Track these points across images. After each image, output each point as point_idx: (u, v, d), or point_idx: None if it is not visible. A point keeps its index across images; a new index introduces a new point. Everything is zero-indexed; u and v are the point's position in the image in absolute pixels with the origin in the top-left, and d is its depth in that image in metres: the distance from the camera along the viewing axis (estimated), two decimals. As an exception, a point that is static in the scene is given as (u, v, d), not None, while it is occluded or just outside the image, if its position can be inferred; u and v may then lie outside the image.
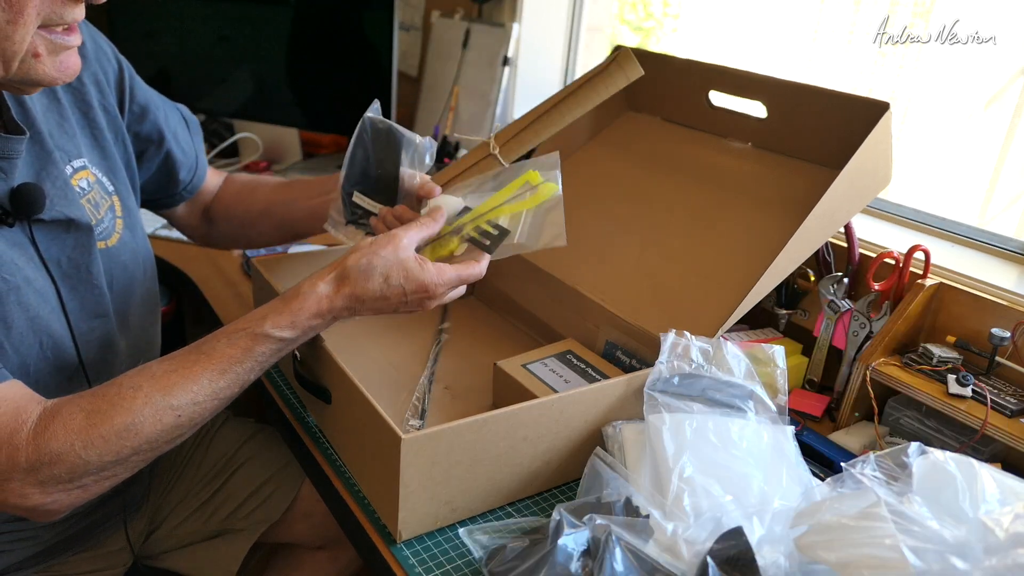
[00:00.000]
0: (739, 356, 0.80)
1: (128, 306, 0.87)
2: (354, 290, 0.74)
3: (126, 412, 0.66)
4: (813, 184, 0.87)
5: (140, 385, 0.68)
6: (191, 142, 1.02)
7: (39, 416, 0.65)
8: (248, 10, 1.75)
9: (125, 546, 0.97)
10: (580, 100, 0.78)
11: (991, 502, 0.57)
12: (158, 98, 0.97)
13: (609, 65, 0.75)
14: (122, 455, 0.66)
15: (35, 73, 0.65)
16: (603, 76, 0.77)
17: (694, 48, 1.80)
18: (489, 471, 0.73)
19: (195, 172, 1.03)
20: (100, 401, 0.66)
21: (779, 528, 0.62)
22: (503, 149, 0.79)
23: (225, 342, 0.71)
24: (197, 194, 1.05)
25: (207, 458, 1.09)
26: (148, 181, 0.98)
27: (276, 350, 0.73)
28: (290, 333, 0.72)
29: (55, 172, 0.77)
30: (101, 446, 0.65)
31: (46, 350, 0.75)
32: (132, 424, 0.66)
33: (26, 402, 0.66)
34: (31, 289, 0.73)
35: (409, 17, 2.02)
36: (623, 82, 0.76)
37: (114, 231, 0.85)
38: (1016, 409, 0.83)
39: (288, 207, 1.02)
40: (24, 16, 0.61)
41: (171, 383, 0.68)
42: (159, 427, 0.67)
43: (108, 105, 0.88)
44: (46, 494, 0.64)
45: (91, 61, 0.86)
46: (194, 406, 0.69)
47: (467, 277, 0.79)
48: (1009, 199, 1.22)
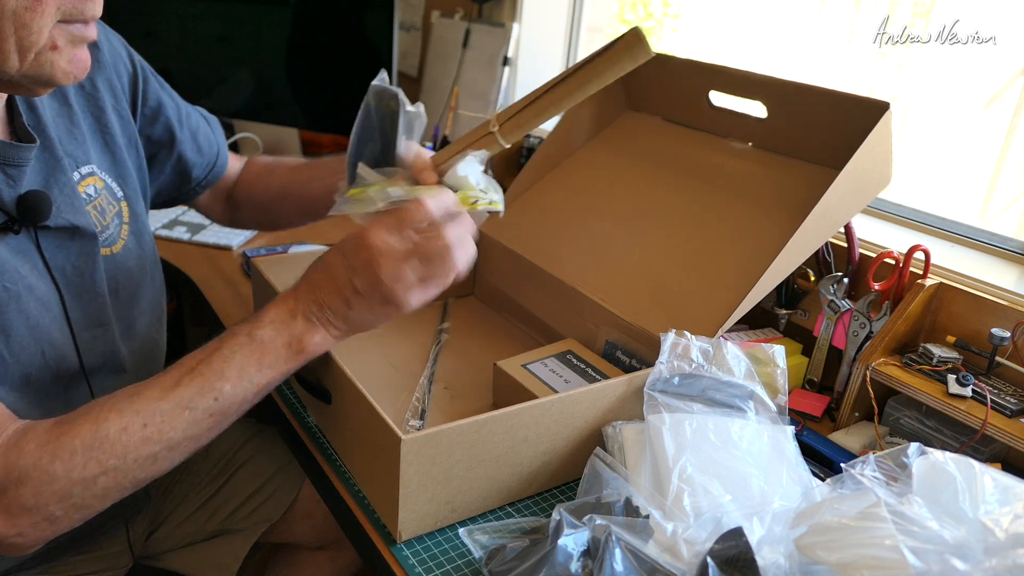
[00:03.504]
0: (739, 356, 0.80)
1: (133, 313, 0.87)
2: (307, 278, 0.72)
3: (92, 421, 0.63)
4: (813, 184, 0.87)
5: (114, 396, 0.65)
6: (212, 138, 1.02)
7: (12, 432, 0.62)
8: (248, 10, 1.75)
9: (126, 547, 0.97)
10: (582, 82, 0.73)
11: (991, 502, 0.57)
12: (172, 98, 0.97)
13: (615, 45, 0.69)
14: (88, 471, 0.62)
15: (49, 67, 0.64)
16: (607, 57, 0.70)
17: (694, 48, 1.80)
18: (489, 471, 0.73)
19: (212, 168, 1.02)
20: (72, 414, 0.64)
21: (779, 528, 0.62)
22: (503, 129, 0.78)
23: (200, 352, 0.68)
24: (218, 183, 1.05)
25: (207, 458, 1.09)
26: (163, 183, 0.99)
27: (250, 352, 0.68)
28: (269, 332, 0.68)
29: (63, 179, 0.76)
30: (67, 459, 0.61)
31: (48, 359, 0.74)
32: (97, 431, 0.62)
33: (2, 420, 0.63)
34: (33, 297, 0.72)
35: (409, 17, 2.02)
36: (629, 64, 0.69)
37: (119, 238, 0.85)
38: (1016, 409, 0.83)
39: (305, 187, 1.01)
40: (44, 4, 0.60)
41: (140, 390, 0.65)
42: (125, 436, 0.63)
43: (121, 110, 0.88)
44: (11, 524, 0.61)
45: (106, 66, 0.85)
46: (161, 414, 0.64)
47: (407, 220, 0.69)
48: (1009, 199, 1.22)
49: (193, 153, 0.99)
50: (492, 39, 1.79)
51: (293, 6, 1.72)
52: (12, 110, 0.74)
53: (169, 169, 0.98)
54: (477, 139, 0.79)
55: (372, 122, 0.81)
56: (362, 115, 0.81)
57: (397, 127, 0.80)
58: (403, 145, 0.81)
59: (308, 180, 1.02)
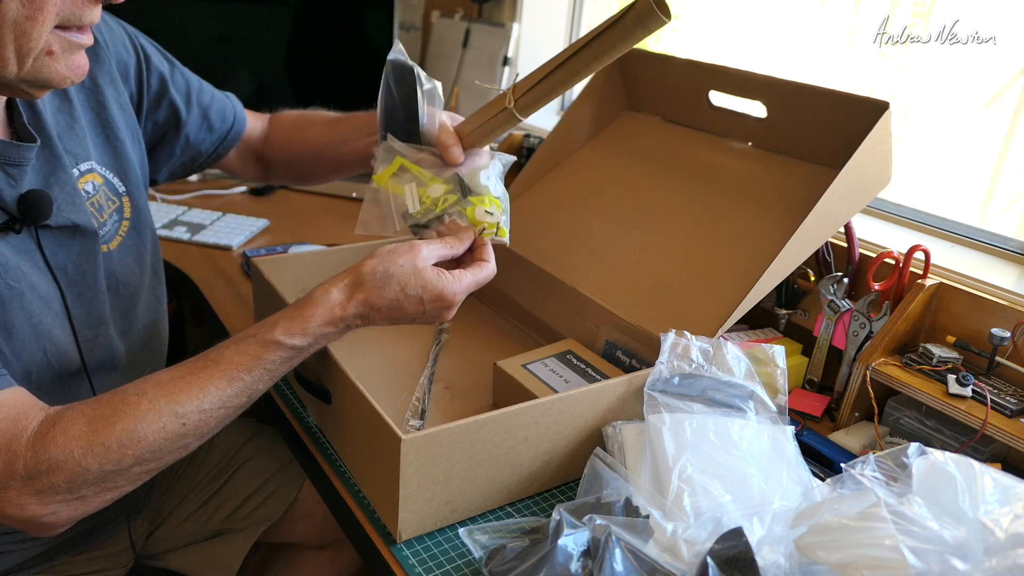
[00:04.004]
0: (739, 356, 0.80)
1: (131, 310, 0.87)
2: (368, 297, 0.72)
3: (129, 418, 0.64)
4: (813, 184, 0.87)
5: (145, 391, 0.66)
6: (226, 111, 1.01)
7: (40, 423, 0.63)
8: (248, 10, 1.75)
9: (127, 547, 0.97)
10: (596, 54, 0.71)
11: (991, 503, 0.57)
12: (182, 76, 0.96)
13: (626, 16, 0.67)
14: (123, 464, 0.64)
15: (47, 71, 0.64)
16: (620, 28, 0.68)
17: (694, 48, 1.80)
18: (489, 471, 0.73)
19: (223, 140, 1.02)
20: (103, 407, 0.64)
21: (779, 528, 0.62)
22: (518, 104, 0.77)
23: (234, 349, 0.69)
24: (244, 144, 1.05)
25: (208, 458, 1.09)
26: (173, 163, 0.99)
27: (286, 358, 0.70)
28: (301, 341, 0.70)
29: (63, 177, 0.76)
30: (101, 453, 0.63)
31: (50, 357, 0.74)
32: (134, 431, 0.64)
33: (27, 408, 0.64)
34: (36, 295, 0.72)
35: (409, 17, 2.02)
36: (642, 34, 0.67)
37: (116, 234, 0.85)
38: (1016, 409, 0.83)
39: (338, 149, 1.00)
40: (44, 13, 0.61)
41: (177, 390, 0.66)
42: (163, 435, 0.65)
43: (123, 103, 0.88)
44: (44, 504, 0.62)
45: (106, 60, 0.85)
46: (200, 414, 0.67)
47: (483, 280, 0.78)
48: (1009, 199, 1.22)
49: (202, 131, 0.98)
50: (492, 39, 1.79)
51: (293, 6, 1.72)
52: (12, 110, 0.74)
53: (179, 150, 0.98)
54: (495, 114, 0.79)
55: (393, 95, 0.81)
56: (382, 89, 0.82)
57: (417, 100, 0.81)
58: (425, 116, 0.82)
59: (341, 141, 1.00)
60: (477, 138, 0.83)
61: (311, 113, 1.07)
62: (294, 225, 1.52)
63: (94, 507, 0.65)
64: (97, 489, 0.64)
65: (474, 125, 0.82)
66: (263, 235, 1.47)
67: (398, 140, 0.83)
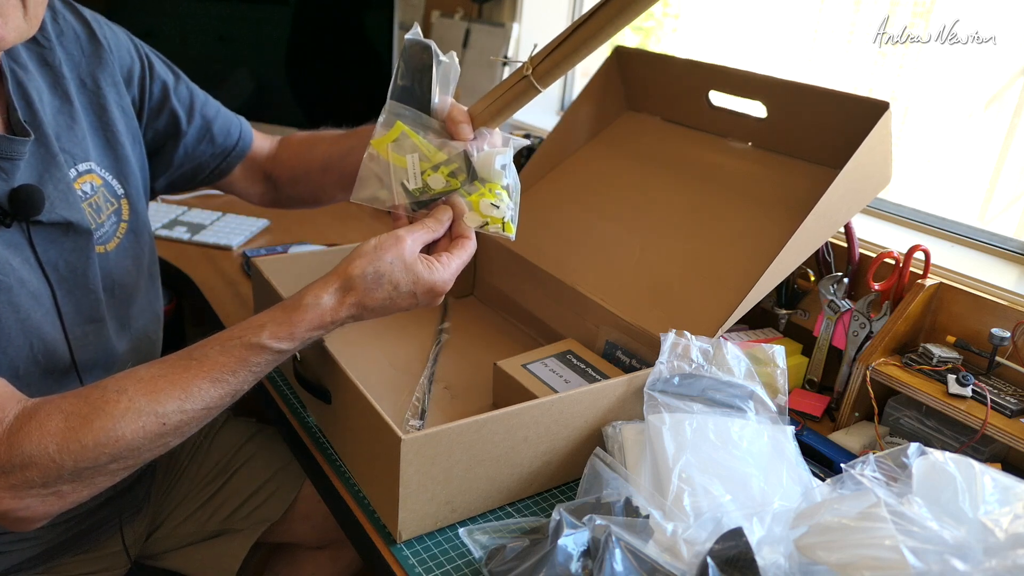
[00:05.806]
0: (739, 356, 0.80)
1: (128, 310, 0.87)
2: (361, 299, 0.71)
3: (107, 417, 0.62)
4: (813, 184, 0.87)
5: (125, 389, 0.64)
6: (230, 127, 1.00)
7: (16, 416, 0.62)
8: (248, 10, 1.75)
9: (126, 547, 0.97)
10: (612, 16, 0.71)
11: (991, 503, 0.57)
12: (187, 88, 0.96)
13: None
14: (99, 462, 0.62)
15: None
16: None
17: (694, 48, 1.79)
18: (489, 471, 0.73)
19: (227, 156, 1.00)
20: (81, 403, 0.63)
21: (779, 528, 0.62)
22: (536, 72, 0.76)
23: (219, 350, 0.68)
24: (250, 162, 1.03)
25: (208, 458, 1.09)
26: (172, 174, 0.97)
27: (272, 361, 0.70)
28: (288, 345, 0.69)
29: (58, 175, 0.76)
30: (77, 451, 0.61)
31: (36, 352, 0.74)
32: (112, 429, 0.62)
33: (5, 400, 0.63)
34: (25, 291, 0.72)
35: (409, 17, 2.02)
36: None
37: (114, 236, 0.85)
38: (1016, 409, 0.83)
39: (345, 159, 0.97)
40: None
41: (158, 389, 0.65)
42: (142, 434, 0.63)
43: (125, 106, 0.87)
44: (18, 499, 0.60)
45: (109, 63, 0.85)
46: (181, 414, 0.65)
47: (468, 259, 0.78)
48: (1009, 199, 1.22)
49: (202, 143, 0.97)
50: (492, 39, 1.79)
51: (293, 6, 1.72)
52: (7, 105, 0.74)
53: (178, 160, 0.96)
54: (512, 85, 0.78)
55: (408, 77, 0.80)
56: (396, 72, 0.81)
57: (430, 81, 0.80)
58: (437, 98, 0.80)
59: (347, 152, 0.97)
60: (491, 114, 0.80)
61: (322, 132, 1.06)
62: (294, 225, 1.52)
63: (70, 503, 0.64)
64: (73, 486, 0.63)
65: (489, 102, 0.79)
66: (263, 235, 1.47)
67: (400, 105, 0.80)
